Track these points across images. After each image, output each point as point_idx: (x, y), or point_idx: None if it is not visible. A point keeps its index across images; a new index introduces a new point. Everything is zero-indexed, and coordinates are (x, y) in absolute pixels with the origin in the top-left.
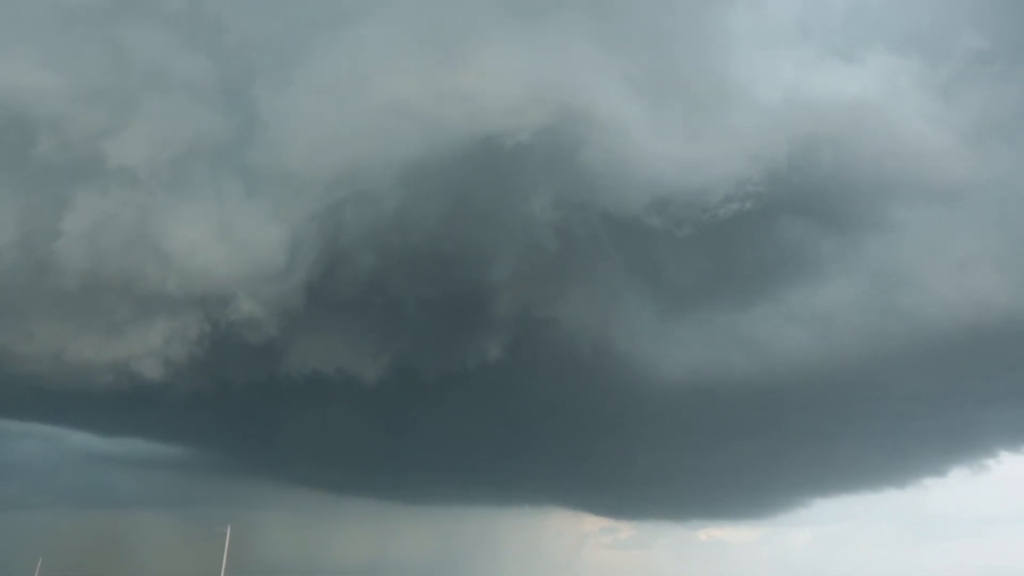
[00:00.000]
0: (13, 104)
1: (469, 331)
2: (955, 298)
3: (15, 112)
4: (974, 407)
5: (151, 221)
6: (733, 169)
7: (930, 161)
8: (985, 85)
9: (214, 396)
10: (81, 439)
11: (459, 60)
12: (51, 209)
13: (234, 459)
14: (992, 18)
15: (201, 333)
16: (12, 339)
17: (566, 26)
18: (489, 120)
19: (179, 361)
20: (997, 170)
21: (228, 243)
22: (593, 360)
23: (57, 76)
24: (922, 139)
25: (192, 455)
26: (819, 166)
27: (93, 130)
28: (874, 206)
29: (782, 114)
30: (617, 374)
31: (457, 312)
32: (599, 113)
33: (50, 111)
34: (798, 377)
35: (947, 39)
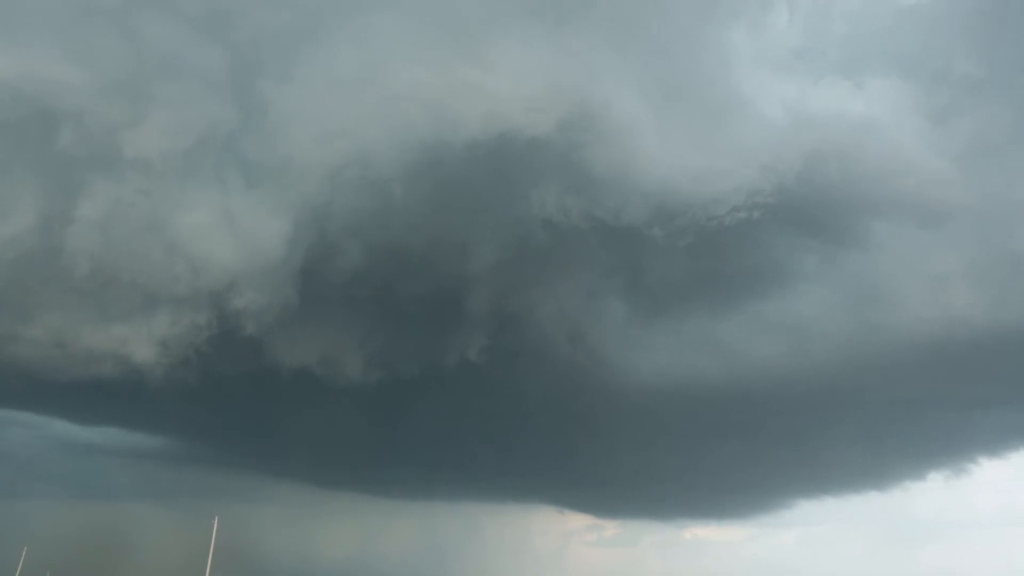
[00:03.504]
0: (38, 97)
1: (455, 327)
2: (934, 313)
3: (41, 105)
4: (954, 414)
5: (161, 211)
6: (745, 180)
7: (919, 182)
8: (976, 110)
9: (208, 388)
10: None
11: (475, 55)
12: (67, 198)
13: (222, 452)
14: (985, 45)
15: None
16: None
17: (584, 32)
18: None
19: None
20: (981, 193)
21: (233, 233)
22: (588, 362)
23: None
24: (912, 161)
25: (180, 447)
26: (813, 182)
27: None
28: (860, 223)
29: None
30: (614, 376)
31: (446, 308)
32: (611, 118)
33: (71, 104)
34: (786, 382)
35: (942, 64)
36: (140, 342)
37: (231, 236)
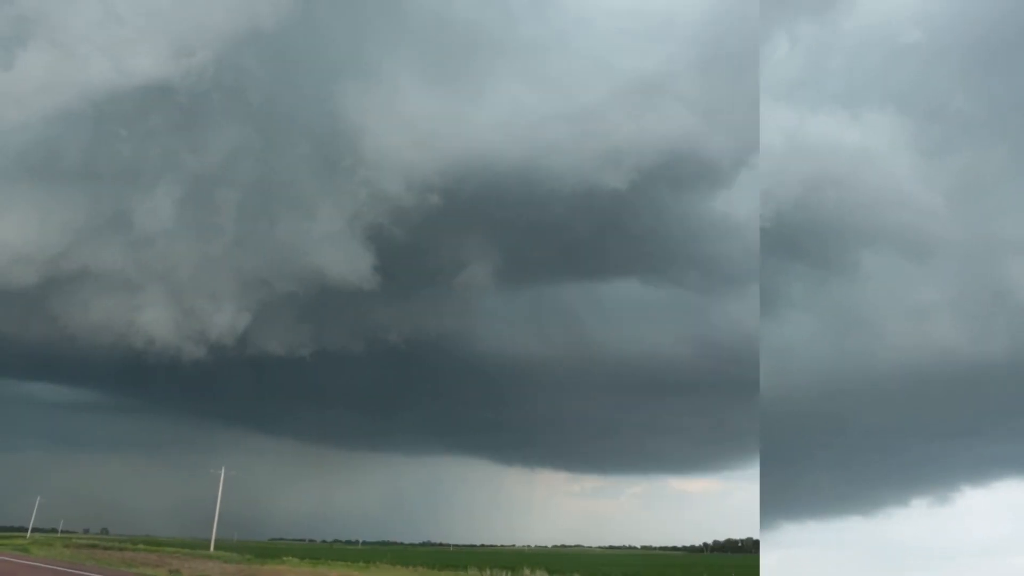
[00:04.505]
0: None
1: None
2: (918, 343)
3: None
4: (938, 443)
5: None
6: None
7: (909, 214)
8: (968, 147)
9: None
10: None
11: None
12: None
13: None
14: (979, 84)
15: None
16: None
17: None
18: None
19: None
20: (968, 228)
21: None
22: None
23: None
24: (904, 192)
25: None
26: (809, 209)
27: None
28: (850, 251)
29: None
30: None
31: None
32: None
33: None
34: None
35: (937, 101)
36: None
37: None
